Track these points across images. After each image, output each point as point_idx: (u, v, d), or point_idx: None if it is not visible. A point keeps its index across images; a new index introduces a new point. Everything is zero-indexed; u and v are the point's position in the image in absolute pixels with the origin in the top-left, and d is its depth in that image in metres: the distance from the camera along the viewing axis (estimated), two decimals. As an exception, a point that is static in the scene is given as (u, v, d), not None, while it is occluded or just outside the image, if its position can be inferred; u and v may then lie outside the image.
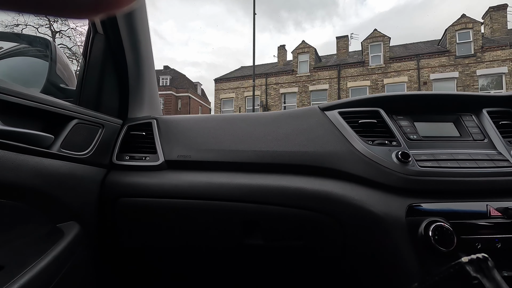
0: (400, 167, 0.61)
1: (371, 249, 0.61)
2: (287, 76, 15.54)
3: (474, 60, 12.23)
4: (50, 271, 0.51)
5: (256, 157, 0.71)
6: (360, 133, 0.68)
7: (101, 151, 0.72)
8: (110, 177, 0.72)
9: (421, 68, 13.02)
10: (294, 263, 0.74)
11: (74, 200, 0.63)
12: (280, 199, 0.65)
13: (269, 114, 0.80)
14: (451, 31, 12.74)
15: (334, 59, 15.60)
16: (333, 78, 14.49)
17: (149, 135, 0.78)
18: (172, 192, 0.69)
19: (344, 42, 15.77)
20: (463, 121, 0.71)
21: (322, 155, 0.68)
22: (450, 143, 0.68)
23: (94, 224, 0.69)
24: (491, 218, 0.57)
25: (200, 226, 0.70)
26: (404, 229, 0.57)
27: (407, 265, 0.56)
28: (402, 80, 13.23)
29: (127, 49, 0.82)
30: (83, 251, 0.63)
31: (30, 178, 0.51)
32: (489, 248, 0.55)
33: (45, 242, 0.54)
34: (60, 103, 0.61)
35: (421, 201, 0.59)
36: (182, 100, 24.23)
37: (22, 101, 0.52)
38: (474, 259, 0.39)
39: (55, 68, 0.77)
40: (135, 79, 0.88)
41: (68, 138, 0.61)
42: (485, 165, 0.61)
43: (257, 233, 0.69)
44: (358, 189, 0.63)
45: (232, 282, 0.85)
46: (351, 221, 0.62)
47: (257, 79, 15.00)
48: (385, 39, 13.76)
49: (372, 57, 13.96)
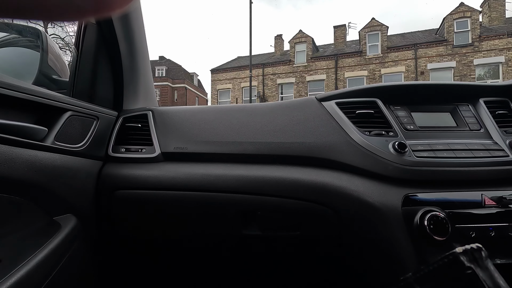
0: (396, 157, 0.61)
1: (367, 239, 0.62)
2: (284, 66, 15.39)
3: (471, 50, 12.19)
4: (48, 264, 0.52)
5: (253, 148, 0.71)
6: (357, 124, 0.68)
7: (96, 144, 0.71)
8: (106, 170, 0.72)
9: (419, 57, 12.97)
10: (292, 253, 0.75)
11: (70, 193, 0.62)
12: (277, 190, 0.66)
13: (266, 105, 0.79)
14: (449, 20, 12.63)
15: (331, 49, 15.43)
16: (331, 68, 14.39)
17: (145, 127, 0.77)
18: (168, 184, 0.69)
19: (341, 32, 15.57)
20: (459, 111, 0.72)
21: (319, 146, 0.68)
22: (446, 133, 0.68)
23: (91, 216, 0.69)
24: (485, 207, 0.58)
25: (197, 218, 0.71)
26: (400, 218, 0.58)
27: (403, 254, 0.57)
28: (400, 70, 13.20)
29: (120, 39, 0.80)
30: (80, 244, 0.63)
31: (24, 171, 0.51)
32: (483, 237, 0.56)
33: (42, 235, 0.54)
34: (53, 95, 0.60)
35: (417, 191, 0.60)
36: (178, 91, 23.93)
37: (14, 93, 0.51)
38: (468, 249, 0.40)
39: (47, 59, 0.75)
40: (129, 70, 0.86)
41: (62, 130, 0.61)
42: (481, 155, 0.62)
43: (254, 224, 0.69)
44: (355, 179, 0.64)
45: (230, 272, 0.86)
46: (347, 212, 0.63)
47: (254, 69, 14.83)
48: (383, 28, 13.61)
49: (370, 47, 13.85)
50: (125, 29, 0.80)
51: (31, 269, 0.47)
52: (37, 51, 0.74)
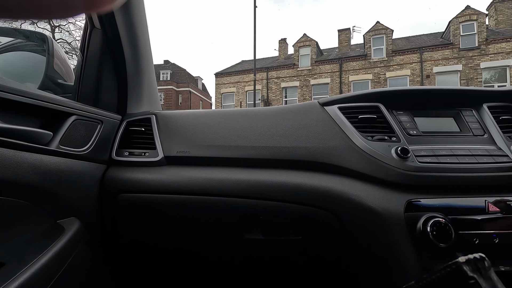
0: (399, 162, 0.61)
1: (369, 245, 0.62)
2: (288, 70, 15.42)
3: (478, 53, 12.05)
4: (51, 268, 0.52)
5: (255, 153, 0.71)
6: (359, 129, 0.68)
7: (100, 147, 0.72)
8: (110, 173, 0.72)
9: (424, 61, 12.87)
10: (293, 258, 0.74)
11: (74, 197, 0.63)
12: (279, 194, 0.65)
13: (269, 110, 0.79)
14: (455, 23, 12.53)
15: (335, 53, 15.43)
16: (335, 71, 14.37)
17: (148, 130, 0.78)
18: (171, 188, 0.69)
19: (346, 35, 15.57)
20: (463, 116, 0.71)
21: (321, 151, 0.68)
22: (450, 138, 0.67)
23: (95, 220, 0.70)
24: (489, 214, 0.57)
25: (199, 222, 0.71)
26: (403, 224, 0.57)
27: (405, 260, 0.57)
28: (405, 74, 13.09)
29: (125, 44, 0.81)
30: (84, 247, 0.64)
31: (29, 175, 0.51)
32: (487, 243, 0.56)
33: (46, 238, 0.55)
34: (58, 99, 0.61)
35: (420, 196, 0.59)
36: (182, 94, 24.14)
37: (20, 98, 0.51)
38: (471, 259, 0.40)
39: (53, 63, 0.77)
40: (133, 74, 0.87)
41: (67, 134, 0.61)
42: (485, 160, 0.61)
43: (256, 228, 0.69)
44: (357, 184, 0.64)
45: (232, 276, 0.86)
46: (350, 217, 0.62)
47: (258, 73, 14.88)
48: (388, 31, 13.57)
49: (375, 50, 13.80)
50: (129, 34, 0.81)
51: (34, 272, 0.47)
52: (43, 56, 0.75)
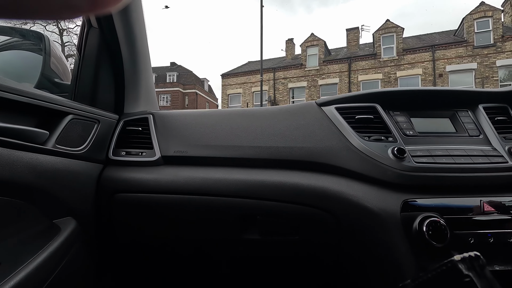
0: (395, 163, 0.62)
1: (366, 244, 0.62)
2: (295, 70, 15.34)
3: (493, 50, 11.66)
4: (47, 267, 0.52)
5: (253, 153, 0.71)
6: (356, 129, 0.68)
7: (97, 147, 0.72)
8: (106, 173, 0.73)
9: (437, 59, 12.54)
10: (290, 258, 0.74)
11: (70, 196, 0.63)
12: (276, 194, 0.66)
13: (266, 110, 0.80)
14: (468, 20, 12.16)
15: (344, 52, 15.24)
16: (344, 71, 14.19)
17: (145, 130, 0.78)
18: (168, 187, 0.69)
19: (354, 34, 15.36)
20: (459, 117, 0.72)
21: (318, 151, 0.68)
22: (446, 139, 0.68)
23: (91, 219, 0.70)
24: (484, 214, 0.58)
25: (196, 222, 0.71)
26: (399, 224, 0.58)
27: (401, 260, 0.57)
28: (416, 73, 12.80)
29: (122, 43, 0.81)
30: (80, 247, 0.64)
31: (25, 174, 0.51)
32: (482, 243, 0.56)
33: (42, 238, 0.55)
34: (55, 99, 0.61)
35: (416, 196, 0.60)
36: (189, 96, 24.45)
37: (16, 97, 0.51)
38: (466, 257, 0.40)
39: (49, 62, 0.77)
40: (131, 73, 0.88)
41: (64, 134, 0.61)
42: (480, 160, 0.62)
43: (254, 228, 0.70)
44: (354, 184, 0.64)
45: (229, 276, 0.85)
46: (346, 217, 0.63)
47: (265, 73, 14.87)
48: (398, 30, 13.30)
49: (385, 49, 13.55)
50: (127, 33, 0.81)
51: (30, 272, 0.47)
52: (39, 55, 0.75)
